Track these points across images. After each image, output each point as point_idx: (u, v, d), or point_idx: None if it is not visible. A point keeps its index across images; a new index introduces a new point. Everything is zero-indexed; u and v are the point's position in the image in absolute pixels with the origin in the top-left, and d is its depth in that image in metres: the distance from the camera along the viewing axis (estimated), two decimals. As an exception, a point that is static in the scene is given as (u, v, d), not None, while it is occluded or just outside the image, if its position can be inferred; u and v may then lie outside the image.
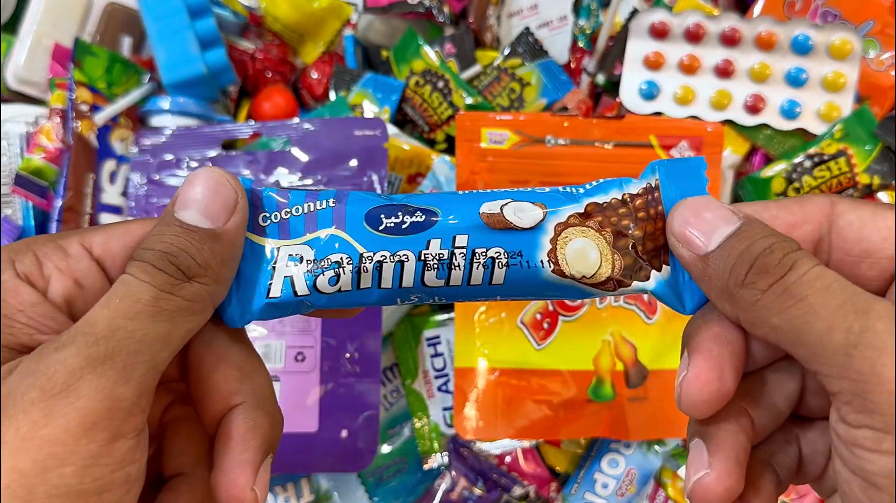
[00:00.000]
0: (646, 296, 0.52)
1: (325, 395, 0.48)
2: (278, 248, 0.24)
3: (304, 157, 0.51)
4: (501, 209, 0.24)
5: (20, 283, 0.22)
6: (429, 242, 0.24)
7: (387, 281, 0.24)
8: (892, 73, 0.56)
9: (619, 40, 0.58)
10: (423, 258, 0.23)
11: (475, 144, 0.51)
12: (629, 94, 0.57)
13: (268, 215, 0.24)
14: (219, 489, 0.22)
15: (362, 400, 0.48)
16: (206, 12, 0.55)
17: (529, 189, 0.25)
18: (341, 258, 0.24)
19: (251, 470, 0.22)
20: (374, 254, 0.24)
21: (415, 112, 0.59)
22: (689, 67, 0.56)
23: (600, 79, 0.59)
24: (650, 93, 0.56)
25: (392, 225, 0.24)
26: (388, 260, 0.24)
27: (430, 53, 0.58)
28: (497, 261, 0.23)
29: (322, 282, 0.24)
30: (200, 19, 0.55)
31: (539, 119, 0.52)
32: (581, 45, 0.61)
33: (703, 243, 0.22)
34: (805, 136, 0.56)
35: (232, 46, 0.59)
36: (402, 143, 0.56)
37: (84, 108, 0.52)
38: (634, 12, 0.57)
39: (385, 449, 0.54)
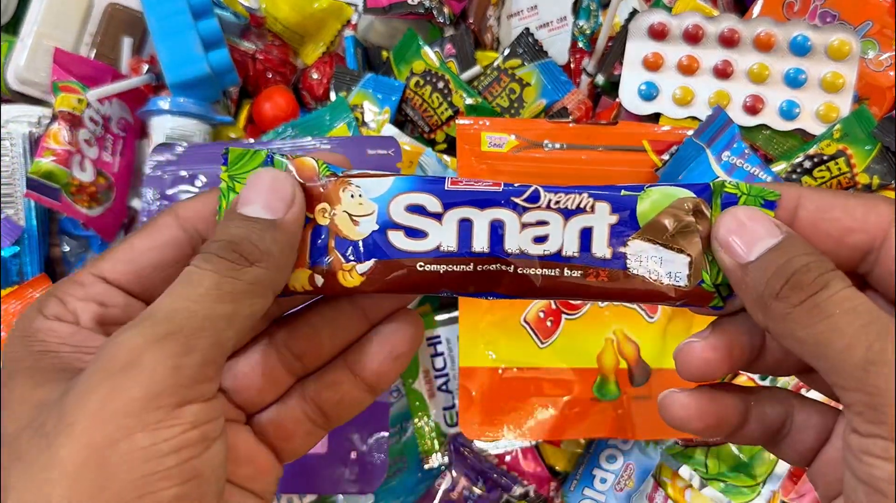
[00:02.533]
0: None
1: None
2: None
3: None
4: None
5: (53, 323, 0.23)
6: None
7: None
8: (891, 73, 0.56)
9: (619, 41, 0.58)
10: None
11: (475, 148, 0.52)
12: (628, 94, 0.57)
13: None
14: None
15: (373, 421, 0.48)
16: (209, 13, 0.55)
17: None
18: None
19: None
20: None
21: (415, 112, 0.59)
22: (687, 68, 0.56)
23: (600, 79, 0.59)
24: (649, 93, 0.56)
25: None
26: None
27: (431, 54, 0.58)
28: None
29: None
30: (203, 20, 0.55)
31: (537, 124, 0.53)
32: (580, 45, 0.61)
33: (744, 252, 0.23)
34: (804, 137, 0.56)
35: (233, 47, 0.59)
36: (402, 143, 0.56)
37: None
38: (634, 13, 0.57)
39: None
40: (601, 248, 0.24)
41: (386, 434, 0.48)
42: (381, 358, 0.27)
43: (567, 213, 0.24)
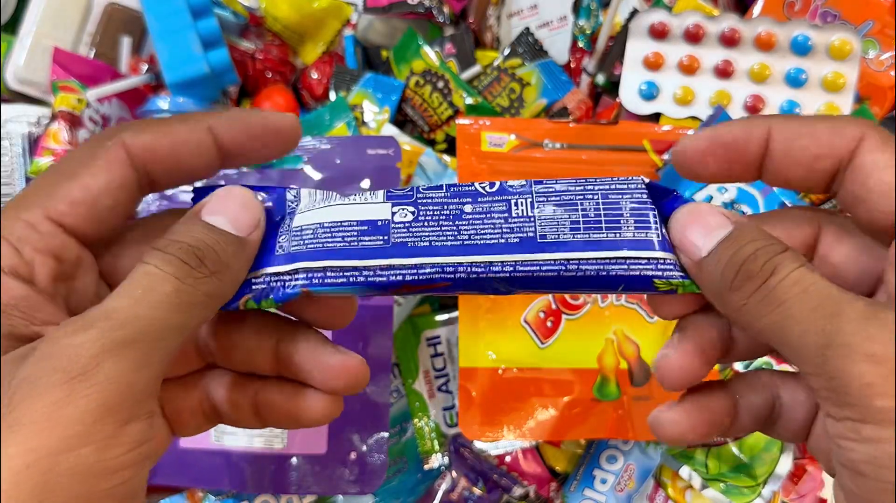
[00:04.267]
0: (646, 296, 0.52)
1: None
2: None
3: (316, 176, 0.50)
4: None
5: (7, 279, 0.22)
6: None
7: None
8: (892, 73, 0.56)
9: (619, 41, 0.58)
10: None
11: (476, 148, 0.52)
12: (629, 94, 0.57)
13: None
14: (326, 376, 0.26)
15: (373, 421, 0.47)
16: (208, 12, 0.55)
17: None
18: None
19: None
20: None
21: (415, 112, 0.59)
22: (688, 68, 0.56)
23: (600, 79, 0.59)
24: (650, 93, 0.56)
25: None
26: None
27: (430, 53, 0.58)
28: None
29: None
30: (202, 19, 0.55)
31: (537, 123, 0.53)
32: (581, 45, 0.61)
33: (697, 249, 0.23)
34: (804, 137, 0.56)
35: (232, 47, 0.59)
36: (402, 143, 0.56)
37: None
38: (634, 13, 0.57)
39: (386, 448, 0.54)
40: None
41: (386, 434, 0.47)
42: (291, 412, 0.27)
43: None
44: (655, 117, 0.57)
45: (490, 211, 0.24)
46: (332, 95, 0.60)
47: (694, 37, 0.56)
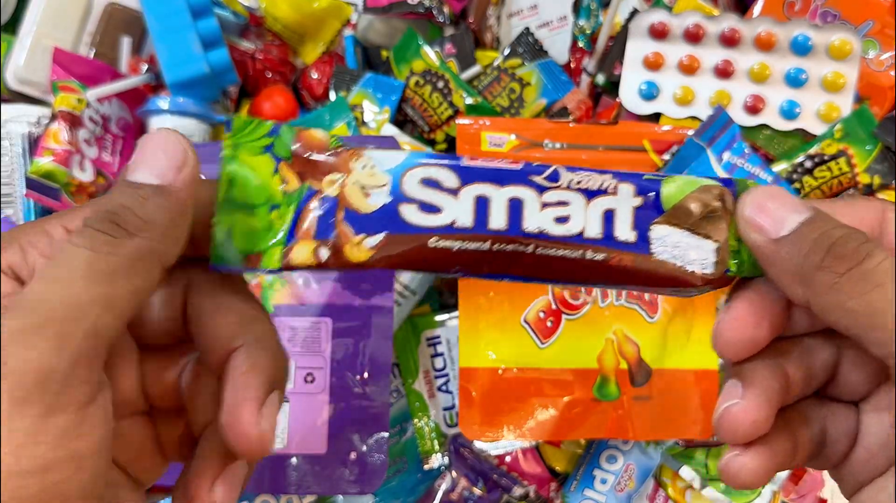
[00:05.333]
0: (647, 296, 0.52)
1: (334, 417, 0.48)
2: None
3: None
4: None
5: (2, 277, 0.21)
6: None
7: None
8: (892, 73, 0.56)
9: (619, 41, 0.58)
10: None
11: (476, 148, 0.52)
12: (629, 94, 0.57)
13: None
14: (225, 429, 0.22)
15: (372, 422, 0.47)
16: (208, 12, 0.55)
17: None
18: None
19: (254, 407, 0.22)
20: None
21: (415, 112, 0.59)
22: (688, 68, 0.56)
23: (600, 79, 0.59)
24: (650, 93, 0.56)
25: None
26: None
27: (430, 54, 0.58)
28: None
29: None
30: (202, 19, 0.55)
31: (537, 123, 0.53)
32: (581, 45, 0.61)
33: (774, 228, 0.23)
34: (805, 137, 0.56)
35: (232, 47, 0.59)
36: (402, 143, 0.56)
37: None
38: (634, 13, 0.57)
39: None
40: (625, 231, 0.23)
41: (386, 434, 0.47)
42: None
43: (589, 194, 0.23)
44: (655, 117, 0.57)
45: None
46: (332, 95, 0.60)
47: (694, 37, 0.56)
